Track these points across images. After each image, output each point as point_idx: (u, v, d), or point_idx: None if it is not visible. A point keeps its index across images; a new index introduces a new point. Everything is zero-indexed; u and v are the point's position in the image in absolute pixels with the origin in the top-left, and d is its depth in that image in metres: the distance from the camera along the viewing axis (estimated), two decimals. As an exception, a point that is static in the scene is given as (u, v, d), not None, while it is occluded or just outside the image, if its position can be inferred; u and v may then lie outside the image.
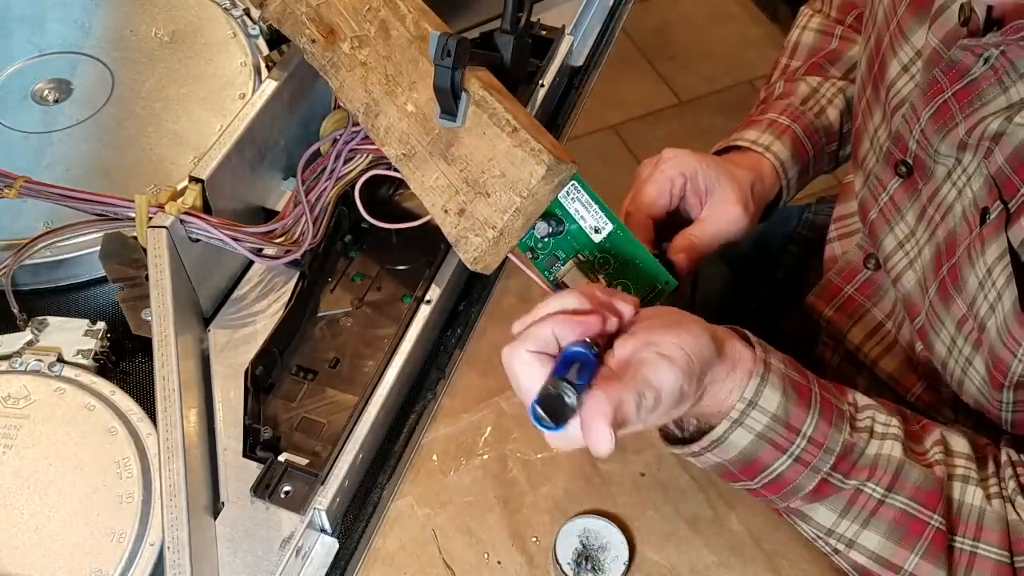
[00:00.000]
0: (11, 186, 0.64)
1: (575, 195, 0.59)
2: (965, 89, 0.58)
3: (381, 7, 0.61)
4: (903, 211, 0.66)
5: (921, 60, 0.64)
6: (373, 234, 0.72)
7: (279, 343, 0.65)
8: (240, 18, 0.82)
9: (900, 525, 0.56)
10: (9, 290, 0.65)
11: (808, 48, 0.84)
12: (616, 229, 0.59)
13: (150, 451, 0.59)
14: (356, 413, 0.61)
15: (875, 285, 0.73)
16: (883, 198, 0.68)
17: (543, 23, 0.81)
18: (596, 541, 0.61)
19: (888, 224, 0.68)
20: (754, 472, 0.56)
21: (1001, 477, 0.57)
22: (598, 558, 0.60)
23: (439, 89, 0.56)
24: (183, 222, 0.62)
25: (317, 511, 0.58)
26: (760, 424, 0.55)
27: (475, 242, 0.58)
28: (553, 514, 0.62)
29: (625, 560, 0.60)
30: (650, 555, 0.61)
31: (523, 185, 0.56)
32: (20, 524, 0.56)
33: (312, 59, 0.64)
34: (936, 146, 0.61)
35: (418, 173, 0.60)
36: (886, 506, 0.56)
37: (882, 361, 0.72)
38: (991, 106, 0.57)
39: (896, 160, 0.65)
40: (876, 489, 0.56)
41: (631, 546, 0.61)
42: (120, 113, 0.77)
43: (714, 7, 2.25)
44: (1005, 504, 0.56)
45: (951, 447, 0.58)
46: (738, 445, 0.55)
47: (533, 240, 0.60)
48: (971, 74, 0.58)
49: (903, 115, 0.64)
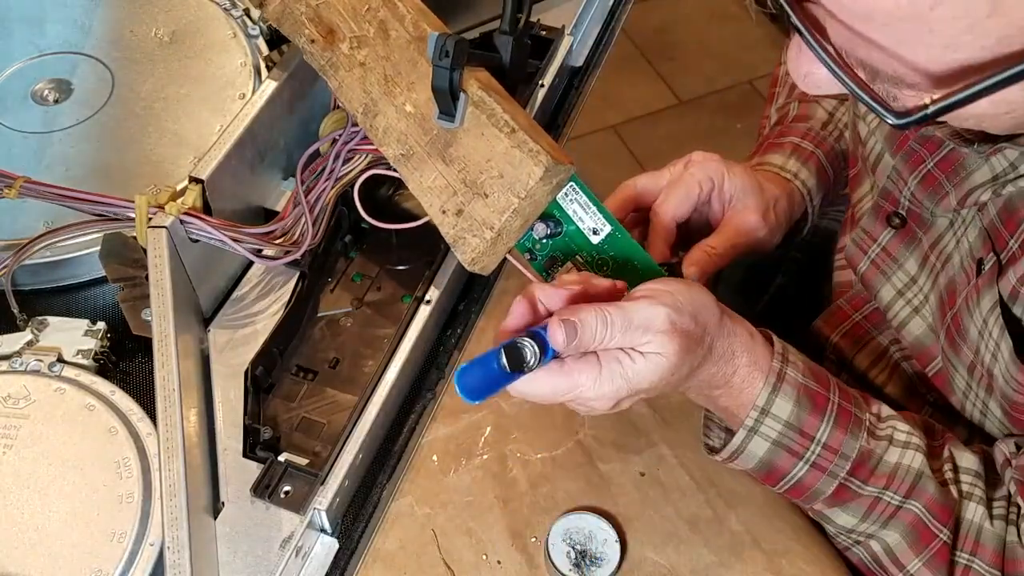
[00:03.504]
0: (11, 186, 0.64)
1: (573, 196, 0.59)
2: (946, 159, 0.60)
3: (380, 7, 0.61)
4: (900, 260, 0.66)
5: (878, 129, 0.66)
6: (373, 234, 0.72)
7: (279, 343, 0.65)
8: (240, 18, 0.82)
9: (914, 530, 0.58)
10: (9, 290, 0.65)
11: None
12: (614, 231, 0.59)
13: (150, 451, 0.59)
14: (356, 413, 0.61)
15: (883, 314, 0.71)
16: (874, 250, 0.68)
17: (543, 23, 0.81)
18: (587, 535, 0.61)
19: (883, 274, 0.68)
20: (775, 479, 0.58)
21: (1013, 501, 0.58)
22: (589, 550, 0.60)
23: (437, 90, 0.56)
24: (183, 222, 0.62)
25: (317, 511, 0.58)
26: (774, 431, 0.56)
27: (473, 243, 0.58)
28: (553, 514, 0.62)
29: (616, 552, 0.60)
30: (650, 555, 0.61)
31: (521, 186, 0.56)
32: (20, 524, 0.56)
33: (311, 59, 0.64)
34: (931, 208, 0.61)
35: (416, 173, 0.60)
36: (904, 510, 0.58)
37: (888, 386, 0.71)
38: (976, 176, 0.57)
39: (888, 212, 0.66)
40: (894, 497, 0.58)
41: (623, 542, 0.61)
42: (120, 113, 0.77)
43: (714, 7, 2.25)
44: (1008, 526, 0.57)
45: (958, 463, 0.59)
46: (756, 454, 0.57)
47: (531, 241, 0.60)
48: (946, 145, 0.59)
49: (890, 177, 0.65)
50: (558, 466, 0.65)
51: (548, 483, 0.64)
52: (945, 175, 0.60)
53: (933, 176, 0.61)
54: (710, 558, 0.61)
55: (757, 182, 0.69)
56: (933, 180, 0.61)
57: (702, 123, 2.01)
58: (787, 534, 0.62)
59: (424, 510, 0.62)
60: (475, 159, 0.58)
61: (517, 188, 0.56)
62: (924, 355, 0.66)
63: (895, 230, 0.66)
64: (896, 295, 0.67)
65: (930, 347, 0.65)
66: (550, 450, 0.65)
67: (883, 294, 0.68)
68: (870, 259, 0.68)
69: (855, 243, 0.70)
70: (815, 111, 0.78)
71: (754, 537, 0.62)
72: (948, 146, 0.59)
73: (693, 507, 0.63)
